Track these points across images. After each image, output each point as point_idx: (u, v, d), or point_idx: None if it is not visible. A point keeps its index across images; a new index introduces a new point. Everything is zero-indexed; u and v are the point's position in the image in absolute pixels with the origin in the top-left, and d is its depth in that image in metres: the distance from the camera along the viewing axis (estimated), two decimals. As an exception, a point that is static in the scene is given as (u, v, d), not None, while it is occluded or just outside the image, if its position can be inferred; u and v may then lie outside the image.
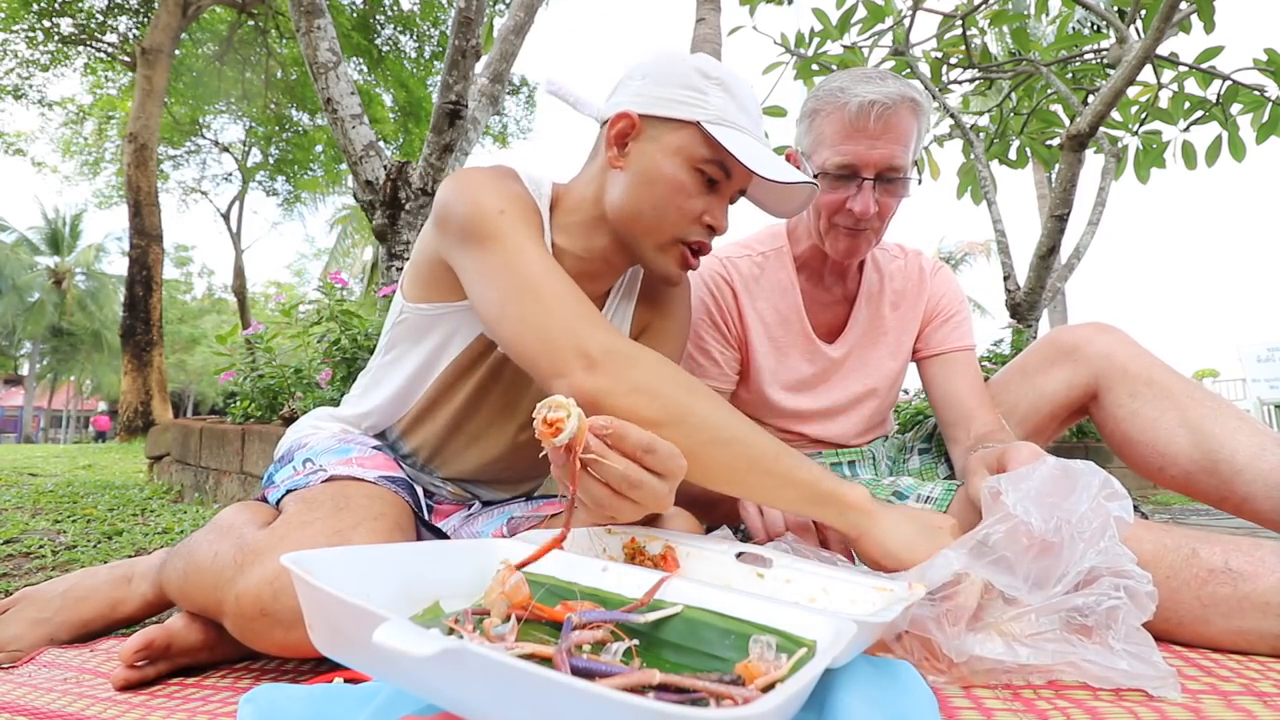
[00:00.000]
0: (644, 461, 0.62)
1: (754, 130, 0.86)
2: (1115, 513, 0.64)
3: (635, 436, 0.62)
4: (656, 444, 0.63)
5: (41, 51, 10.22)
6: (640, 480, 0.62)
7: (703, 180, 0.85)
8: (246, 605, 0.64)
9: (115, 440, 9.53)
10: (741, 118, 0.85)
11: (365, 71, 10.86)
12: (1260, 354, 8.69)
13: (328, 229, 24.14)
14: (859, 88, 1.02)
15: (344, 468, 0.84)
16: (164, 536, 1.85)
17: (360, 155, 2.89)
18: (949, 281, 1.29)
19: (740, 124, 0.84)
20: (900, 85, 1.03)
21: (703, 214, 0.86)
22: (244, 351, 3.00)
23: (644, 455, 0.62)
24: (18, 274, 23.69)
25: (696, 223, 0.87)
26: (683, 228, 0.86)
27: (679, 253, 0.88)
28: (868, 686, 0.50)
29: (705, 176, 0.85)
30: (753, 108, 0.87)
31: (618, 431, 0.61)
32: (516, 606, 0.51)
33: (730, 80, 0.86)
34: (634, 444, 0.62)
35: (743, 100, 0.86)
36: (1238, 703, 0.56)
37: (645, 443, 0.62)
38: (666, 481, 0.64)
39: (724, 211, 0.89)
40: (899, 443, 1.34)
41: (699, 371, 1.21)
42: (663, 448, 0.64)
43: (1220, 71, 2.98)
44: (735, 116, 0.84)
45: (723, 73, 0.86)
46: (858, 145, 1.04)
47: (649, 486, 0.62)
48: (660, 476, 0.64)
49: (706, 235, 0.88)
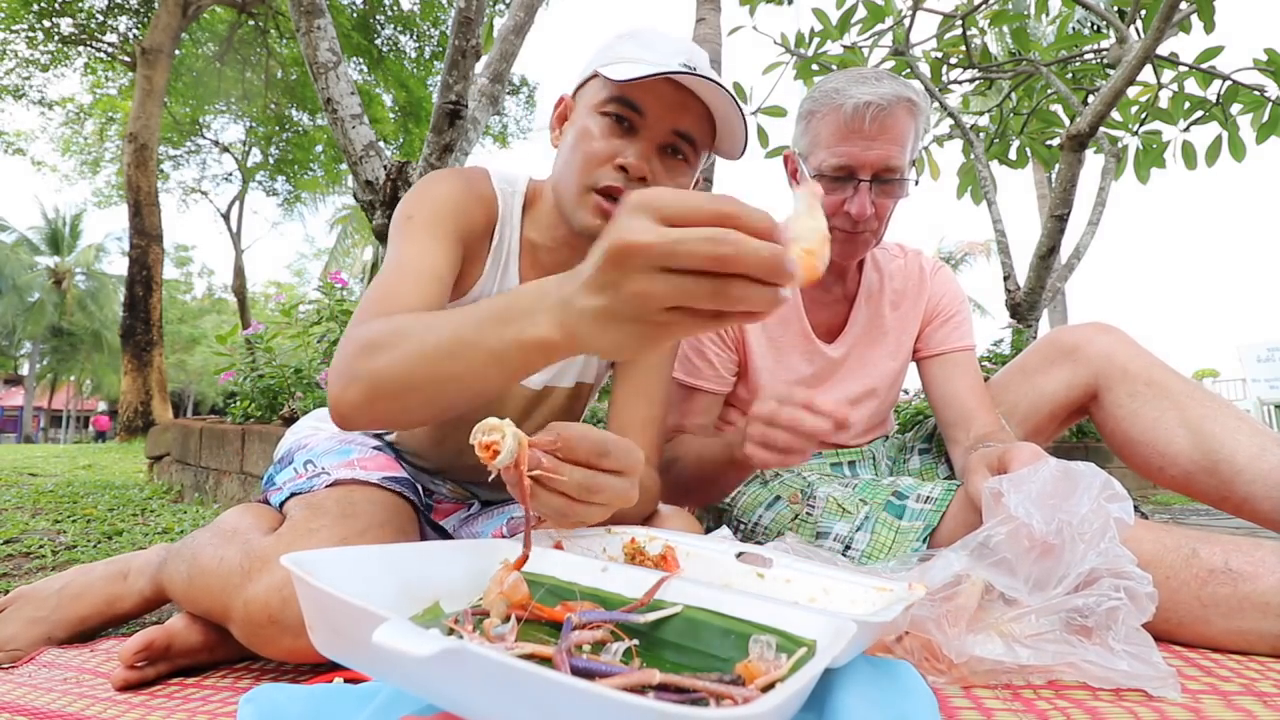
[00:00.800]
0: (599, 465, 0.59)
1: (658, 60, 0.82)
2: (1116, 514, 0.64)
3: (586, 447, 0.58)
4: (609, 445, 0.59)
5: (41, 51, 10.22)
6: (599, 484, 0.58)
7: (610, 122, 0.83)
8: (255, 612, 0.64)
9: (115, 440, 9.53)
10: (641, 52, 0.83)
11: (365, 71, 10.86)
12: (1260, 354, 8.69)
13: (328, 229, 24.18)
14: (854, 89, 1.02)
15: (346, 470, 0.84)
16: (164, 536, 1.85)
17: (360, 155, 2.89)
18: (949, 281, 1.29)
19: (637, 57, 0.83)
20: (896, 85, 1.02)
21: (612, 156, 0.82)
22: (244, 351, 3.00)
23: (598, 460, 0.58)
24: (18, 274, 23.69)
25: (605, 165, 0.82)
26: (590, 172, 0.83)
27: (592, 202, 0.83)
28: (868, 686, 0.50)
29: (613, 118, 0.83)
30: (662, 43, 0.85)
31: (566, 445, 0.57)
32: (516, 606, 0.51)
33: (643, 29, 0.86)
34: (586, 454, 0.58)
35: (647, 39, 0.85)
36: (1238, 703, 0.56)
37: (597, 448, 0.58)
38: (627, 478, 0.60)
39: (639, 152, 0.82)
40: (899, 443, 1.34)
41: (695, 373, 1.21)
42: (616, 447, 0.59)
43: (1220, 71, 2.98)
44: (633, 53, 0.83)
45: (641, 28, 0.87)
46: (853, 147, 1.03)
47: (609, 488, 0.59)
48: (619, 474, 0.60)
49: (618, 178, 0.82)
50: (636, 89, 0.80)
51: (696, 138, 0.85)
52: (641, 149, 0.82)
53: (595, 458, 0.58)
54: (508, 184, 0.93)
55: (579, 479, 0.57)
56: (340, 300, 2.67)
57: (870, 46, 3.46)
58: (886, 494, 1.06)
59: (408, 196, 0.86)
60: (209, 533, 0.77)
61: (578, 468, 0.58)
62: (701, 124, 0.85)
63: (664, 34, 0.87)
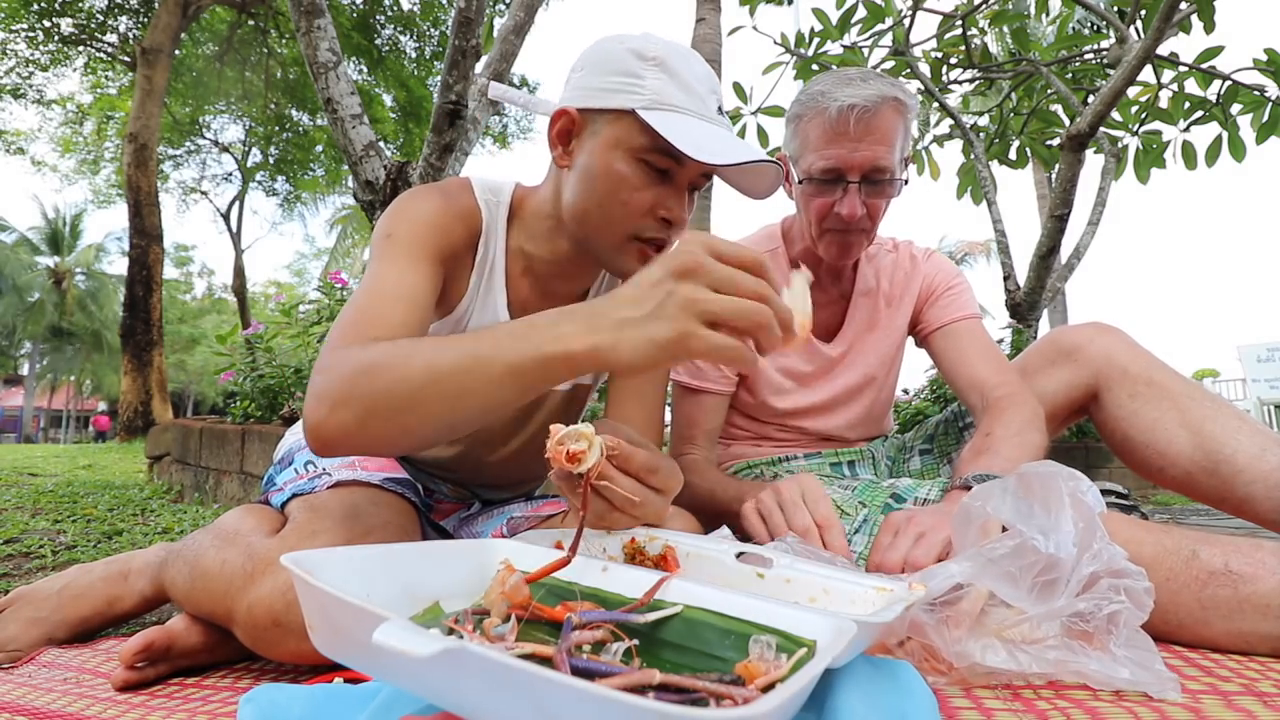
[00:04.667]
0: (647, 481, 0.65)
1: (698, 108, 0.79)
2: (1094, 506, 0.64)
3: (640, 459, 0.63)
4: (659, 463, 0.65)
5: (41, 51, 10.22)
6: (644, 498, 0.64)
7: (649, 171, 0.79)
8: (259, 616, 0.64)
9: (115, 440, 9.53)
10: (682, 97, 0.78)
11: (365, 71, 10.86)
12: (1260, 354, 8.70)
13: (328, 229, 24.13)
14: (839, 91, 1.02)
15: (347, 471, 0.84)
16: (164, 536, 1.85)
17: (360, 155, 2.89)
18: (941, 262, 1.29)
19: (680, 104, 0.78)
20: (882, 85, 1.02)
21: (654, 207, 0.80)
22: (244, 351, 3.00)
23: (648, 475, 0.65)
24: (18, 274, 23.69)
25: (648, 216, 0.81)
26: (633, 223, 0.81)
27: (636, 250, 0.82)
28: (868, 686, 0.50)
29: (651, 166, 0.79)
30: (697, 83, 0.80)
31: (623, 454, 0.62)
32: (516, 606, 0.51)
33: (670, 57, 0.79)
34: (639, 466, 0.64)
35: (684, 78, 0.79)
36: (1238, 703, 0.56)
37: (649, 464, 0.64)
38: (664, 497, 0.67)
39: (680, 202, 0.82)
40: (899, 443, 1.34)
41: (699, 375, 1.21)
42: (663, 466, 0.66)
43: (1220, 71, 2.98)
44: (674, 97, 0.78)
45: (662, 50, 0.79)
46: (840, 149, 1.03)
47: (650, 503, 0.65)
48: (660, 493, 0.66)
49: (661, 229, 0.82)
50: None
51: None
52: (680, 195, 0.82)
53: (646, 473, 0.64)
54: (492, 194, 0.90)
55: (628, 488, 0.62)
56: (340, 300, 2.67)
57: (870, 46, 3.46)
58: (885, 496, 1.06)
59: (387, 213, 0.84)
60: (210, 534, 0.77)
61: (629, 479, 0.63)
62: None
63: (692, 61, 0.81)
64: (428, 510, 0.97)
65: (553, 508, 1.01)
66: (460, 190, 0.89)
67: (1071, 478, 0.65)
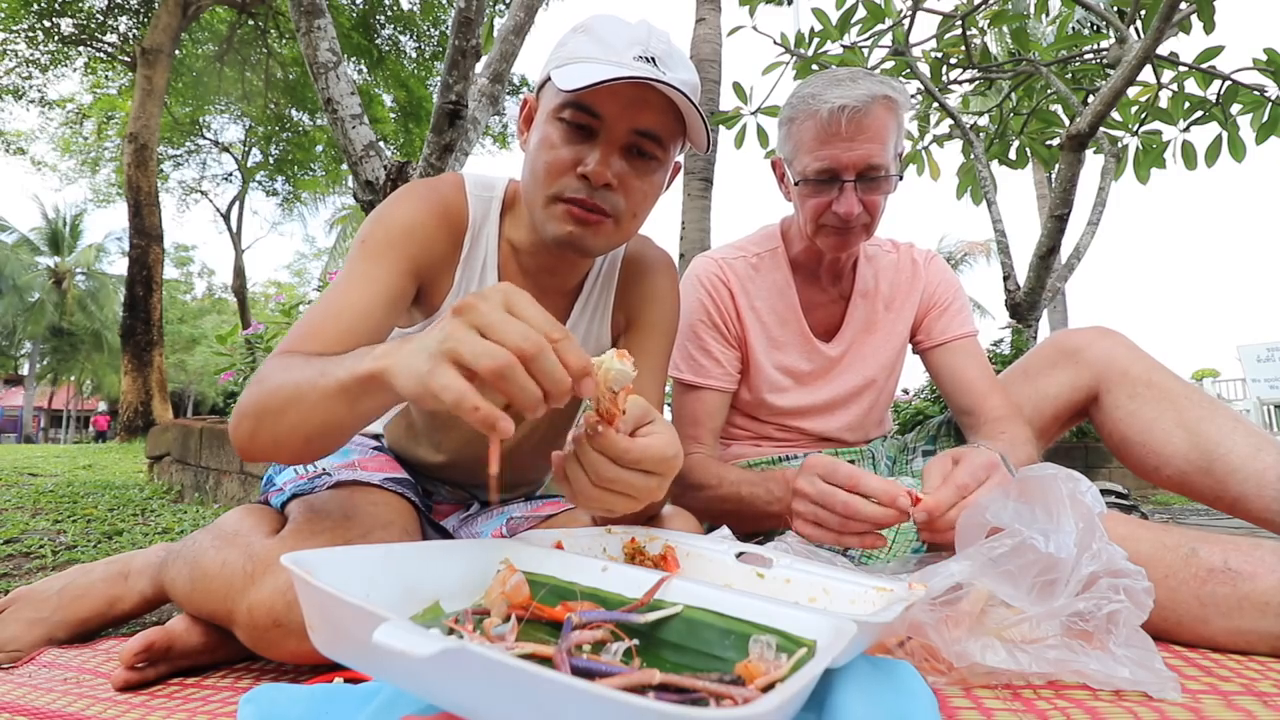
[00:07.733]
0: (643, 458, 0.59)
1: (608, 56, 0.78)
2: (1093, 507, 0.64)
3: (636, 413, 0.61)
4: (651, 414, 0.62)
5: (41, 51, 10.23)
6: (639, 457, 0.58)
7: (567, 129, 0.79)
8: (259, 616, 0.64)
9: (115, 440, 9.52)
10: (592, 49, 0.78)
11: (365, 71, 10.87)
12: (1260, 354, 8.71)
13: (328, 229, 24.16)
14: (829, 92, 1.03)
15: (348, 471, 0.84)
16: (164, 536, 1.85)
17: (360, 155, 2.89)
18: (942, 270, 1.30)
19: (588, 55, 0.78)
20: (872, 84, 1.03)
21: (574, 163, 0.79)
22: (244, 351, 3.01)
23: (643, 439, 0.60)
24: (18, 274, 23.69)
25: (569, 174, 0.79)
26: (554, 182, 0.80)
27: (562, 210, 0.81)
28: (868, 686, 0.50)
29: (569, 124, 0.79)
30: (614, 38, 0.79)
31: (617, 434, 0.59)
32: (516, 606, 0.51)
33: (596, 21, 0.81)
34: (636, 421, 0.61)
35: (600, 34, 0.79)
36: (1237, 703, 0.56)
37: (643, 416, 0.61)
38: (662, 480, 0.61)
39: (600, 158, 0.78)
40: (901, 444, 1.34)
41: (702, 372, 1.21)
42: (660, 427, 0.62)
43: (1220, 71, 2.97)
44: (584, 50, 0.79)
45: (594, 18, 0.82)
46: (833, 150, 1.04)
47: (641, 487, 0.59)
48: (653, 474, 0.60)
49: (581, 188, 0.79)
50: (590, 92, 0.75)
51: (662, 134, 0.80)
52: (601, 154, 0.79)
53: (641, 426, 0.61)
54: (484, 189, 0.91)
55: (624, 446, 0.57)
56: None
57: (870, 46, 3.45)
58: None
59: (369, 216, 0.85)
60: (210, 535, 0.77)
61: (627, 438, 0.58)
62: (665, 118, 0.80)
63: (619, 22, 0.82)
64: (428, 510, 0.97)
65: (553, 508, 1.01)
66: (449, 188, 0.89)
67: (1071, 479, 0.66)
